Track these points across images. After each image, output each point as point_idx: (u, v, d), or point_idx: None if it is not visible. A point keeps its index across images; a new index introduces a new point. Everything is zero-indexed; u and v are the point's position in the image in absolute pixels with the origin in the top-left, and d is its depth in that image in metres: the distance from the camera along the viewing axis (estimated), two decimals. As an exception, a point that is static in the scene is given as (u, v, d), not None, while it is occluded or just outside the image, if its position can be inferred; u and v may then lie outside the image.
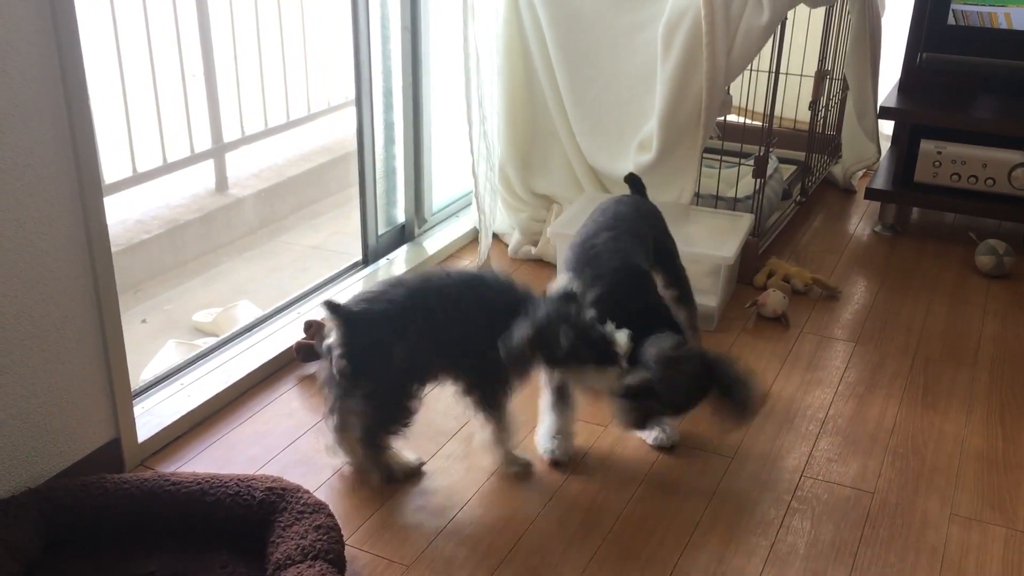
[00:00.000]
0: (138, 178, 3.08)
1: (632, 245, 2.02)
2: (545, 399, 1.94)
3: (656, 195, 2.73)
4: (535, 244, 2.87)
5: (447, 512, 1.79)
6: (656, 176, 2.67)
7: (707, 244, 2.51)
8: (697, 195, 2.73)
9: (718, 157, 2.76)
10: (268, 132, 3.68)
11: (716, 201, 2.76)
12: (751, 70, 2.71)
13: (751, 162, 2.70)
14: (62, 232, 1.63)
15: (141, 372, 2.27)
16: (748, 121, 2.88)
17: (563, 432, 1.93)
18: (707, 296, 2.50)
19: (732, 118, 2.84)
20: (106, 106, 3.03)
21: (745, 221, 2.63)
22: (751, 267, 2.73)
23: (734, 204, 2.75)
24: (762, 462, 1.96)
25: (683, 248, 2.48)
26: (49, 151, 1.57)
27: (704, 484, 1.89)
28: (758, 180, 2.70)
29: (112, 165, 2.96)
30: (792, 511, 1.82)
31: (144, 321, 2.68)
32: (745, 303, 2.60)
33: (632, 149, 2.66)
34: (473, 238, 2.96)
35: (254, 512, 1.64)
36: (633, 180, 2.32)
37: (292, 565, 1.51)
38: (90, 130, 1.64)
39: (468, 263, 2.84)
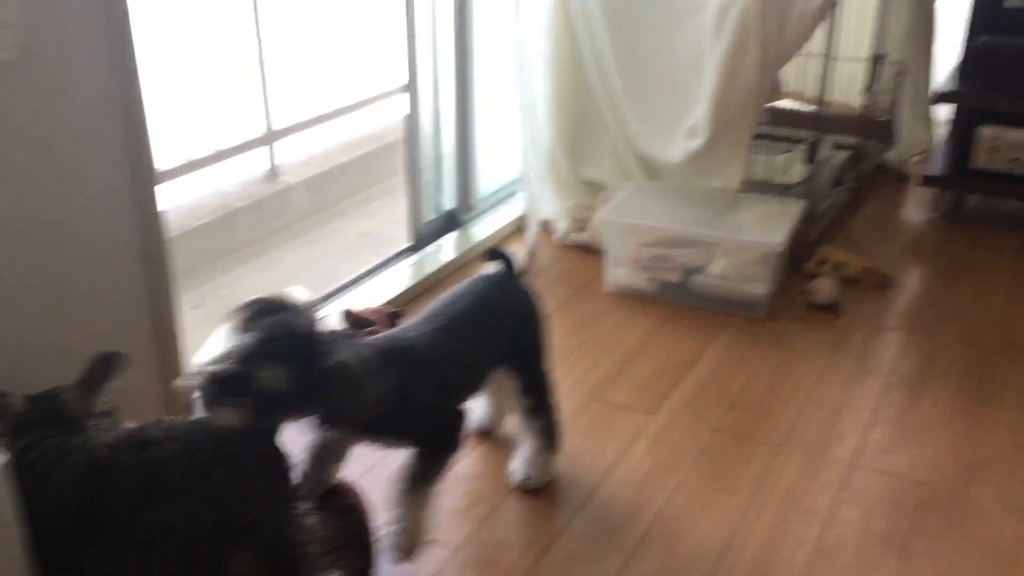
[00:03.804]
0: (191, 166, 3.13)
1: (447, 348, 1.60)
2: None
3: (705, 181, 2.72)
4: (583, 230, 2.86)
5: (495, 497, 1.80)
6: (705, 162, 2.65)
7: (756, 231, 2.48)
8: (747, 182, 2.70)
9: (769, 143, 2.72)
10: (318, 119, 3.72)
11: (767, 188, 2.73)
12: (803, 54, 2.67)
13: (803, 148, 2.66)
14: (116, 219, 1.66)
15: (194, 356, 2.31)
16: (800, 106, 2.84)
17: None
18: (756, 284, 2.47)
19: (784, 103, 2.81)
20: (158, 94, 3.07)
21: (796, 208, 2.60)
22: (802, 255, 2.69)
23: (785, 191, 2.72)
24: (811, 452, 1.94)
25: (731, 235, 2.46)
26: (103, 140, 1.60)
27: (751, 473, 1.88)
28: (810, 166, 2.66)
29: (165, 153, 3.00)
30: (841, 501, 1.80)
31: (198, 306, 2.72)
32: (795, 291, 2.57)
33: (681, 135, 2.64)
34: (521, 225, 2.96)
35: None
36: (499, 254, 1.82)
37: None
38: (142, 118, 1.66)
39: (515, 250, 2.84)
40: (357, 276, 2.57)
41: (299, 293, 1.44)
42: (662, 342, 2.36)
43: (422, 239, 2.77)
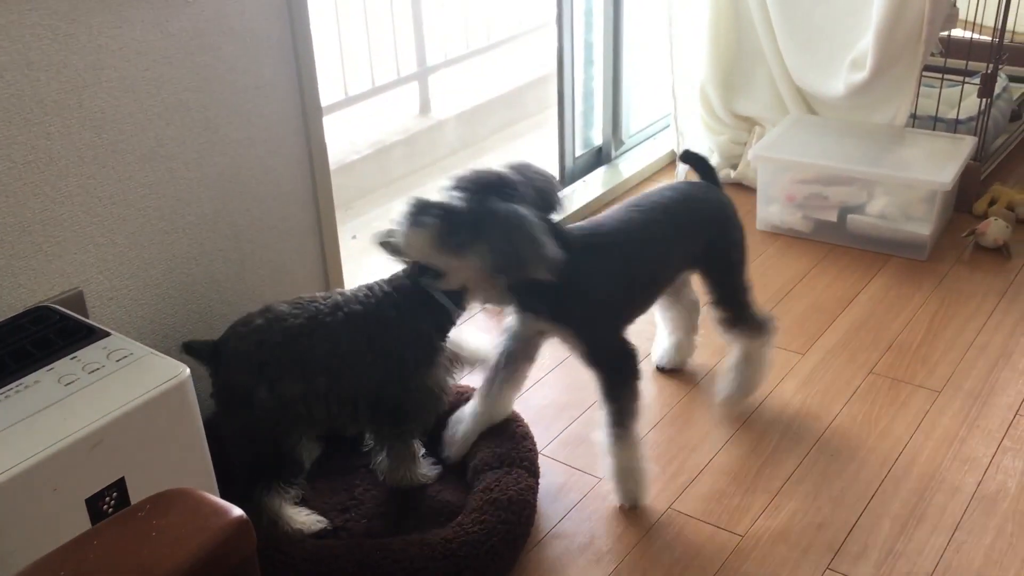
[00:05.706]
0: (349, 101, 3.22)
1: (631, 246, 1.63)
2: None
3: (869, 116, 2.60)
4: (735, 167, 2.79)
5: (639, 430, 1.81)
6: (869, 96, 2.53)
7: (922, 168, 2.37)
8: (914, 116, 2.57)
9: (939, 75, 2.57)
10: (470, 55, 3.75)
11: (935, 123, 2.59)
12: (982, -22, 2.49)
13: (977, 80, 2.51)
14: (287, 150, 1.74)
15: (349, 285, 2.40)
16: (975, 36, 2.66)
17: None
18: (919, 224, 2.36)
19: (957, 32, 2.64)
20: (320, 32, 3.16)
21: (966, 144, 2.46)
22: (971, 194, 2.55)
23: (955, 126, 2.57)
24: (973, 398, 1.87)
25: (895, 173, 2.36)
26: (277, 75, 1.68)
27: (907, 417, 1.82)
28: (984, 100, 2.50)
29: (325, 89, 3.08)
30: (1004, 450, 1.72)
31: (354, 237, 2.83)
32: (962, 232, 2.45)
33: (844, 67, 2.53)
34: (670, 161, 2.92)
35: (444, 418, 1.72)
36: (694, 159, 1.81)
37: (490, 470, 1.59)
38: (310, 55, 1.73)
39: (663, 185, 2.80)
40: (507, 210, 2.59)
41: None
42: (815, 282, 2.30)
43: (571, 174, 2.77)
